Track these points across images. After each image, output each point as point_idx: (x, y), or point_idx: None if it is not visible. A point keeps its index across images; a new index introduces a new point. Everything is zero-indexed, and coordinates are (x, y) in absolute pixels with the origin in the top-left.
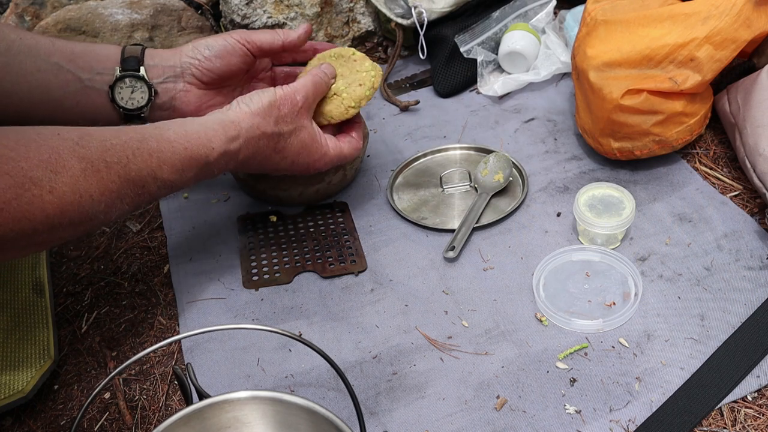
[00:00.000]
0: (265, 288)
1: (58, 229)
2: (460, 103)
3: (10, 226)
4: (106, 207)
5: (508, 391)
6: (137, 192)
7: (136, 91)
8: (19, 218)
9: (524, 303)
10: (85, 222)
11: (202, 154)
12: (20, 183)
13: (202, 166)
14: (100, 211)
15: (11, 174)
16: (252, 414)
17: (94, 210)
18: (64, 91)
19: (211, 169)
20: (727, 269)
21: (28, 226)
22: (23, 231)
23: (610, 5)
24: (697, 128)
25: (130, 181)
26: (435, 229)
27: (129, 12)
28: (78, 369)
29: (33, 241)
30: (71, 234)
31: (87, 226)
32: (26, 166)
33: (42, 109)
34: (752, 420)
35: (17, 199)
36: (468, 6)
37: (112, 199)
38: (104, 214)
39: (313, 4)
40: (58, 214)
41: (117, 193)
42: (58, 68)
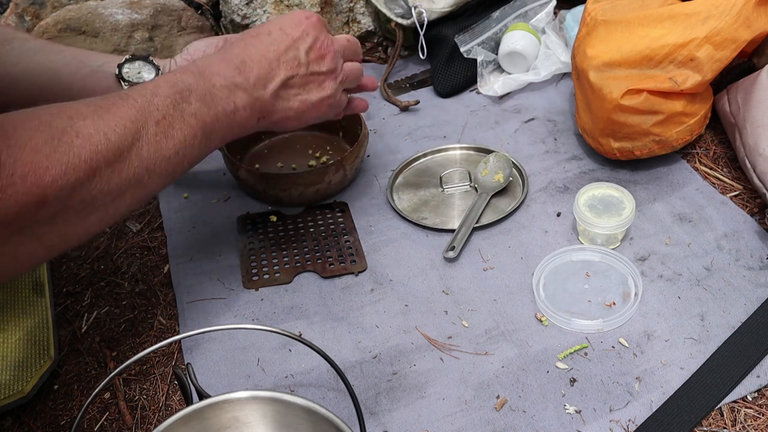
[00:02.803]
0: (265, 288)
1: (101, 174)
2: (460, 103)
3: (61, 181)
4: (134, 139)
5: (508, 391)
6: (156, 117)
7: (143, 71)
8: (65, 170)
9: (524, 303)
10: (123, 160)
11: (186, 65)
12: (51, 135)
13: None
14: (130, 145)
15: (41, 129)
16: (252, 414)
17: (124, 143)
18: (72, 76)
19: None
20: (727, 269)
21: (75, 178)
22: (74, 184)
23: (610, 5)
24: (697, 128)
25: (141, 109)
26: (435, 229)
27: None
28: (78, 369)
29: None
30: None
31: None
32: (47, 119)
33: (49, 93)
34: (752, 420)
35: (56, 151)
36: (468, 6)
37: (135, 129)
38: (136, 148)
39: (313, 4)
40: (93, 156)
41: (138, 123)
42: (69, 59)
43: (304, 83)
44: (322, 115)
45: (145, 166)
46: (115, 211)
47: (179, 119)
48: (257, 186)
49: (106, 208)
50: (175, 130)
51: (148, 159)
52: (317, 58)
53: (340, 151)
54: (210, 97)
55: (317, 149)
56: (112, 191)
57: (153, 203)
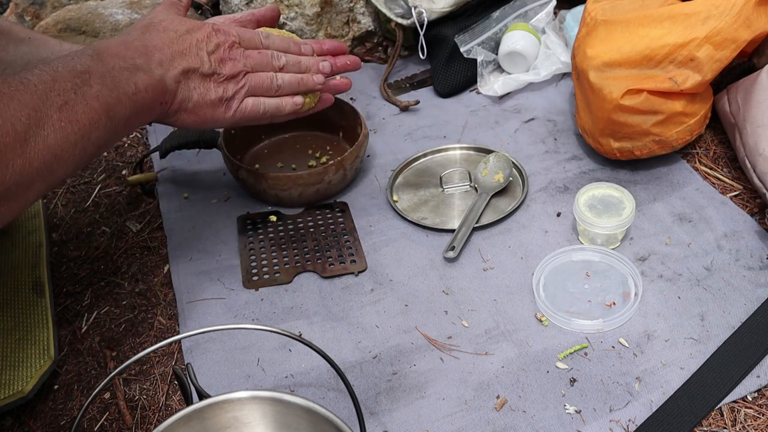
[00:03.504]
0: (265, 288)
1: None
2: (460, 103)
3: None
4: (38, 127)
5: (508, 391)
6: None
7: None
8: None
9: (524, 303)
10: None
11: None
12: None
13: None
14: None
15: None
16: (252, 414)
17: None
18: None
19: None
20: (727, 269)
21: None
22: None
23: (610, 5)
24: (697, 128)
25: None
26: (435, 229)
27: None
28: (78, 369)
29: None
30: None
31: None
32: None
33: None
34: (752, 420)
35: None
36: (468, 6)
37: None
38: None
39: (313, 4)
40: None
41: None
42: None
43: (204, 79)
44: (221, 117)
45: (53, 153)
46: (24, 201)
47: (81, 103)
48: (257, 186)
49: (17, 199)
50: (78, 115)
51: (56, 146)
52: (219, 60)
53: (340, 151)
54: (110, 78)
55: (317, 149)
56: (24, 182)
57: (153, 203)
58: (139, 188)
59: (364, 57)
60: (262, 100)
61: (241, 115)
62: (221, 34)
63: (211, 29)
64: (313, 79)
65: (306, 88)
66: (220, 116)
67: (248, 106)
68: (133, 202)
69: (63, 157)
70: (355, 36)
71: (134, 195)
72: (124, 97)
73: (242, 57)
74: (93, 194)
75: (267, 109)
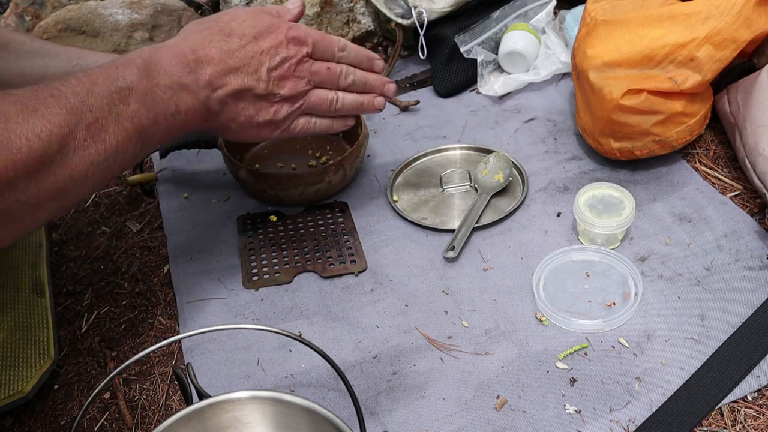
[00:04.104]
0: (265, 288)
1: (18, 184)
2: (460, 103)
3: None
4: (60, 146)
5: (508, 391)
6: (88, 119)
7: None
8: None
9: (524, 303)
10: (45, 170)
11: (134, 56)
12: None
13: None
14: (55, 153)
15: None
16: (252, 414)
17: (48, 151)
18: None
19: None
20: (727, 269)
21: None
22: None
23: (610, 5)
24: (697, 128)
25: (73, 109)
26: (435, 229)
27: (129, 12)
28: (78, 369)
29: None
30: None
31: (51, 176)
32: None
33: None
34: (752, 420)
35: None
36: (468, 6)
37: (62, 134)
38: (61, 155)
39: (313, 4)
40: (10, 166)
41: (66, 127)
42: (67, 62)
43: (256, 101)
44: (265, 136)
45: (69, 175)
46: (31, 223)
47: (114, 122)
48: (257, 186)
49: (21, 219)
50: (107, 134)
51: (74, 167)
52: (280, 78)
53: (340, 151)
54: (151, 97)
55: (317, 149)
56: (30, 202)
57: (153, 203)
58: (139, 188)
59: None
60: (314, 120)
61: (287, 135)
62: (294, 44)
63: (284, 37)
64: (374, 104)
65: (365, 112)
66: (264, 136)
67: (298, 126)
68: (133, 202)
69: (79, 179)
70: (355, 36)
71: (134, 195)
72: (161, 117)
73: (308, 74)
74: (93, 194)
75: (317, 129)
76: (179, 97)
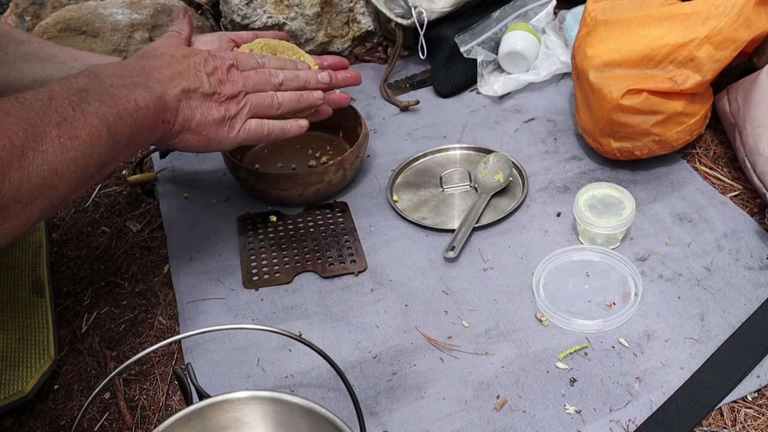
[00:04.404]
0: (265, 288)
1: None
2: (460, 103)
3: None
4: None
5: (508, 391)
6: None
7: None
8: None
9: (524, 303)
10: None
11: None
12: None
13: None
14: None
15: None
16: (252, 414)
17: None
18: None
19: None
20: (727, 269)
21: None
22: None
23: (610, 5)
24: (697, 128)
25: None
26: (435, 229)
27: (129, 12)
28: (78, 369)
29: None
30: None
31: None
32: None
33: None
34: (752, 420)
35: None
36: (468, 6)
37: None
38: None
39: (313, 4)
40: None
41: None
42: (63, 65)
43: (206, 98)
44: (225, 137)
45: (53, 169)
46: (27, 219)
47: (81, 119)
48: (257, 186)
49: (17, 216)
50: (78, 131)
51: (55, 161)
52: (218, 82)
53: (340, 151)
54: (109, 96)
55: (317, 149)
56: (23, 197)
57: (153, 203)
58: (139, 188)
59: (364, 57)
60: (267, 122)
61: (245, 136)
62: (217, 58)
63: (207, 54)
64: (313, 95)
65: (307, 104)
66: (223, 136)
67: (252, 127)
68: (133, 202)
69: (63, 173)
70: (355, 36)
71: (134, 195)
72: (124, 113)
73: (240, 78)
74: (93, 194)
75: (271, 130)
76: (136, 93)
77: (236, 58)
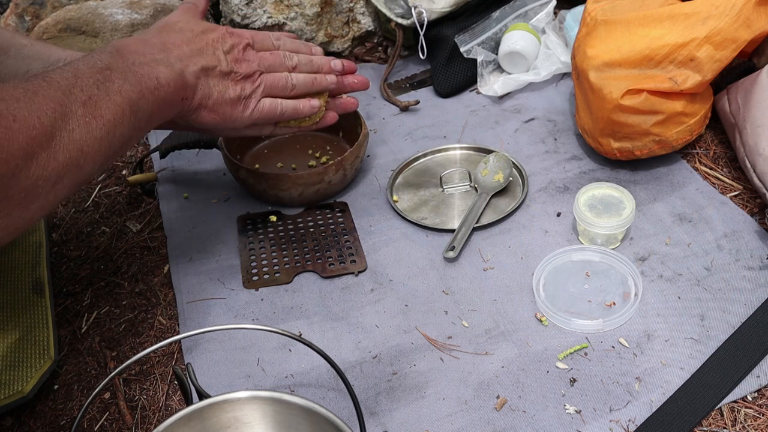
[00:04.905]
0: (265, 288)
1: (38, 159)
2: (460, 103)
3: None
4: (63, 121)
5: (508, 391)
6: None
7: None
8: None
9: (524, 303)
10: (57, 141)
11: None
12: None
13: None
14: (62, 128)
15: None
16: (252, 414)
17: (57, 125)
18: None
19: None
20: (727, 269)
21: (14, 165)
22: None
23: (610, 5)
24: (697, 128)
25: (67, 90)
26: (435, 229)
27: (129, 12)
28: (78, 369)
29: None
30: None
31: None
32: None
33: None
34: (752, 420)
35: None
36: (468, 6)
37: (64, 112)
38: (68, 131)
39: (313, 4)
40: (29, 141)
41: (66, 105)
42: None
43: (223, 77)
44: (239, 116)
45: (78, 148)
46: (54, 198)
47: (105, 98)
48: (257, 186)
49: (46, 195)
50: (102, 110)
51: (81, 140)
52: (234, 60)
53: (340, 151)
54: (131, 74)
55: (317, 149)
56: (51, 177)
57: (153, 203)
58: (139, 188)
59: (364, 57)
60: (280, 101)
61: (258, 114)
62: (235, 36)
63: (225, 31)
64: (326, 79)
65: (320, 87)
66: (238, 115)
67: (265, 106)
68: (133, 202)
69: (89, 152)
70: (355, 36)
71: (134, 195)
72: (146, 91)
73: (256, 58)
74: (93, 194)
75: (284, 109)
76: (158, 71)
77: (253, 37)
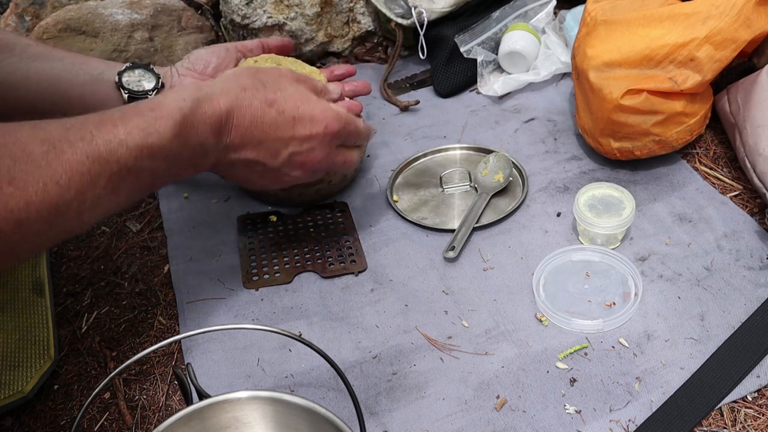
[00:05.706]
0: (265, 288)
1: (26, 227)
2: (460, 103)
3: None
4: (77, 194)
5: (508, 391)
6: (112, 170)
7: (143, 80)
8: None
9: (524, 303)
10: (58, 215)
11: (173, 108)
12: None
13: (180, 123)
14: (71, 200)
15: None
16: (252, 414)
17: (64, 199)
18: (70, 84)
19: (195, 129)
20: (727, 269)
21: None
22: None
23: (610, 5)
24: (697, 128)
25: (100, 159)
26: (435, 229)
27: (129, 12)
28: (78, 369)
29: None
30: (47, 234)
31: (63, 221)
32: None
33: (47, 100)
34: (752, 420)
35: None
36: (468, 6)
37: (83, 183)
38: (78, 202)
39: (313, 4)
40: (22, 207)
41: (88, 176)
42: (71, 65)
43: (266, 172)
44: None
45: (83, 221)
46: (29, 256)
47: (134, 175)
48: None
49: (24, 255)
50: (123, 186)
51: (87, 214)
52: (294, 164)
53: None
54: (179, 158)
55: None
56: (36, 244)
57: (153, 203)
58: None
59: (364, 57)
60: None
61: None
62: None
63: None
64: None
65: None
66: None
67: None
68: None
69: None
70: (355, 36)
71: None
72: (175, 171)
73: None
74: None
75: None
76: (199, 159)
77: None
